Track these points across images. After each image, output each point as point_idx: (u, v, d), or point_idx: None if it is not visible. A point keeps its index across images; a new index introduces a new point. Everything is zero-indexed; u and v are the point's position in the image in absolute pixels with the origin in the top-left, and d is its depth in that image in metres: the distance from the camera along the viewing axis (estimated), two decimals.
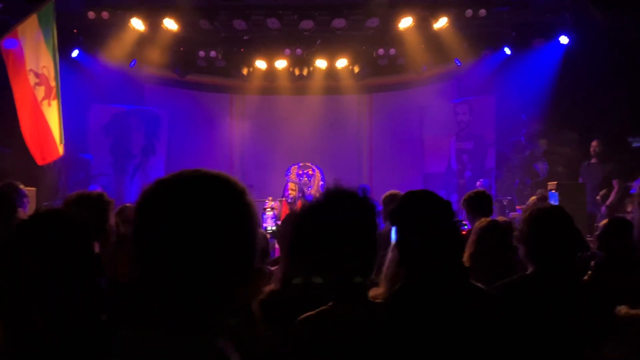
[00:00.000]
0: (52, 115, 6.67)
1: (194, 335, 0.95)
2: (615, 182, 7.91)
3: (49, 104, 6.68)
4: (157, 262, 0.96)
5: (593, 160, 8.49)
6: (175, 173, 1.04)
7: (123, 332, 0.95)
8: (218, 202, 0.99)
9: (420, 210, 1.89)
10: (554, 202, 7.08)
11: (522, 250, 2.41)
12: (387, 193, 4.85)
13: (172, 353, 0.92)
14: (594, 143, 8.46)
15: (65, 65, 7.10)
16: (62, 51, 7.17)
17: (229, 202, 1.01)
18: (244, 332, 2.24)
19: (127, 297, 1.29)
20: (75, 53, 9.39)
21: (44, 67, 6.72)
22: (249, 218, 1.02)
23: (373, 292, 2.17)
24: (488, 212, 4.49)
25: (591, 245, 4.43)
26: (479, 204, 4.45)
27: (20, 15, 6.81)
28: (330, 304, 1.73)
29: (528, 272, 2.39)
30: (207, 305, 0.97)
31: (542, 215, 2.40)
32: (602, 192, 7.90)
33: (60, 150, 6.72)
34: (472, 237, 3.06)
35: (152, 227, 0.97)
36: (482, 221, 3.24)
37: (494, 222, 3.24)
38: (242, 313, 2.25)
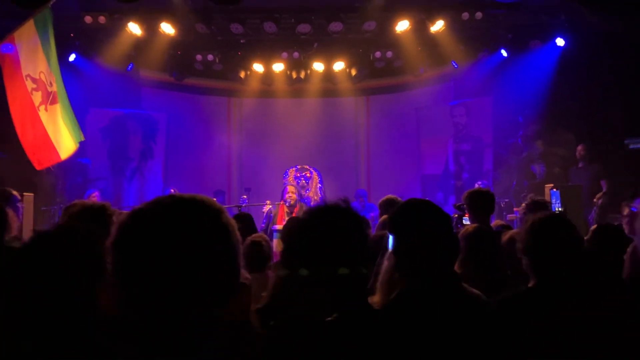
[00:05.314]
0: (50, 120, 6.68)
1: (187, 357, 0.96)
2: (603, 183, 7.97)
3: (46, 109, 6.68)
4: (140, 291, 0.97)
5: (580, 165, 8.57)
6: (151, 201, 1.05)
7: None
8: (196, 226, 1.00)
9: (419, 220, 1.89)
10: (555, 200, 7.07)
11: (525, 262, 2.32)
12: (384, 198, 4.82)
13: None
14: (579, 147, 8.57)
15: (62, 69, 7.09)
16: (59, 55, 7.16)
17: (206, 225, 1.02)
18: (243, 338, 2.25)
19: (112, 326, 1.30)
20: (72, 57, 9.40)
21: (41, 72, 6.72)
22: (228, 238, 1.04)
23: (370, 300, 2.17)
24: (490, 210, 4.43)
25: None
26: (480, 202, 4.38)
27: (16, 20, 6.81)
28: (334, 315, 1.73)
29: (530, 284, 2.30)
30: (192, 329, 0.99)
31: (543, 226, 2.30)
32: (598, 195, 7.94)
33: (63, 154, 6.73)
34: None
35: (134, 258, 0.98)
36: (468, 228, 3.20)
37: (480, 229, 3.19)
38: (240, 322, 2.25)
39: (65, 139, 6.80)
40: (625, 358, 2.12)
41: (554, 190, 7.24)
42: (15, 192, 4.79)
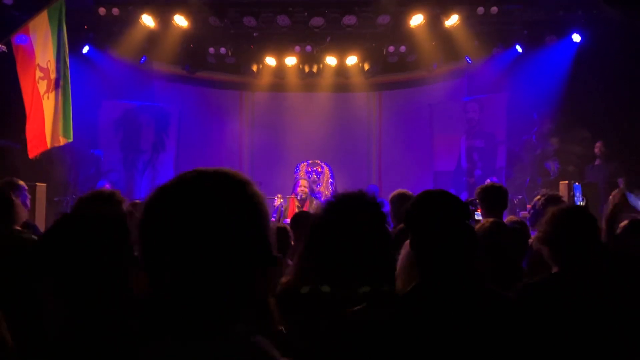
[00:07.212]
0: (49, 107, 6.65)
1: (225, 336, 0.93)
2: (620, 181, 7.86)
3: (48, 97, 6.66)
4: (170, 270, 0.94)
5: (597, 162, 8.44)
6: (174, 178, 1.02)
7: (151, 343, 0.93)
8: (222, 198, 0.97)
9: (436, 211, 1.83)
10: (577, 194, 7.00)
11: (546, 251, 2.38)
12: (395, 192, 4.76)
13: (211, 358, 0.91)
14: (598, 144, 8.43)
15: (75, 62, 7.10)
16: (73, 47, 7.17)
17: (232, 195, 0.99)
18: (261, 328, 2.22)
19: (142, 309, 1.28)
20: (85, 49, 9.42)
21: (48, 61, 6.72)
22: (256, 208, 1.00)
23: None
24: (503, 206, 4.41)
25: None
26: (493, 197, 4.36)
27: (30, 11, 6.83)
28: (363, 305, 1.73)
29: (553, 271, 2.36)
30: (229, 304, 0.96)
31: (565, 216, 2.37)
32: (614, 192, 7.83)
33: (50, 142, 6.61)
34: None
35: (161, 236, 0.95)
36: (485, 222, 3.18)
37: (498, 224, 3.16)
38: (259, 308, 2.23)
39: (61, 128, 6.71)
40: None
41: (577, 184, 7.16)
42: (21, 182, 4.77)
